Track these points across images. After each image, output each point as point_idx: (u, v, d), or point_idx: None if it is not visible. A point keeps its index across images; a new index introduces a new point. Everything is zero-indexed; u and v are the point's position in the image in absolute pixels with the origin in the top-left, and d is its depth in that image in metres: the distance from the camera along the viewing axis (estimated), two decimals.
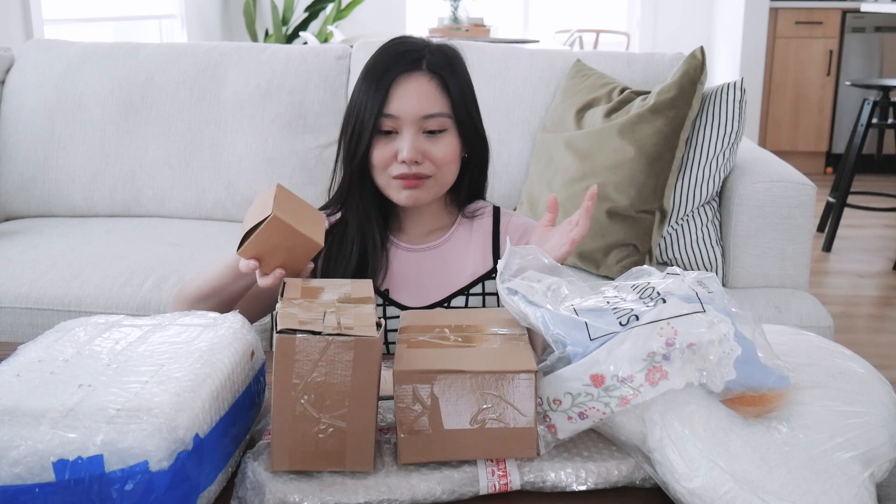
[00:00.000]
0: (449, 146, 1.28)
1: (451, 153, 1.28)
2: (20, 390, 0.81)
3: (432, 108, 1.26)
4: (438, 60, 1.28)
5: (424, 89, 1.26)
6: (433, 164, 1.27)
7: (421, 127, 1.26)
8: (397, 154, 1.25)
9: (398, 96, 1.25)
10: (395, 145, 1.26)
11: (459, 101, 1.28)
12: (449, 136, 1.28)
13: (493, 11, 6.55)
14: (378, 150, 1.26)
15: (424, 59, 1.27)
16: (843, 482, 0.79)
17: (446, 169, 1.29)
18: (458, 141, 1.29)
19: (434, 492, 0.85)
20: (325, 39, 5.57)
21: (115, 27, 4.77)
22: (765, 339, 0.88)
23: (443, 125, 1.27)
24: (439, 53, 1.29)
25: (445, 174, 1.29)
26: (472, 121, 1.31)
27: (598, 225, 1.89)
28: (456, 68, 1.30)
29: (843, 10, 5.38)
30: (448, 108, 1.27)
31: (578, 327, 0.87)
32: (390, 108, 1.25)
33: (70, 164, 2.32)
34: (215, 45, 2.41)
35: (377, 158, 1.27)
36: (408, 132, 1.25)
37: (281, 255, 1.06)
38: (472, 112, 1.31)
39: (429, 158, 1.26)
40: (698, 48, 1.96)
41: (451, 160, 1.29)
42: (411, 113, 1.25)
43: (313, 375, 0.83)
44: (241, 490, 0.85)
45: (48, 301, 1.85)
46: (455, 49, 1.32)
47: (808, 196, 1.89)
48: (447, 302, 1.31)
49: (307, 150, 2.27)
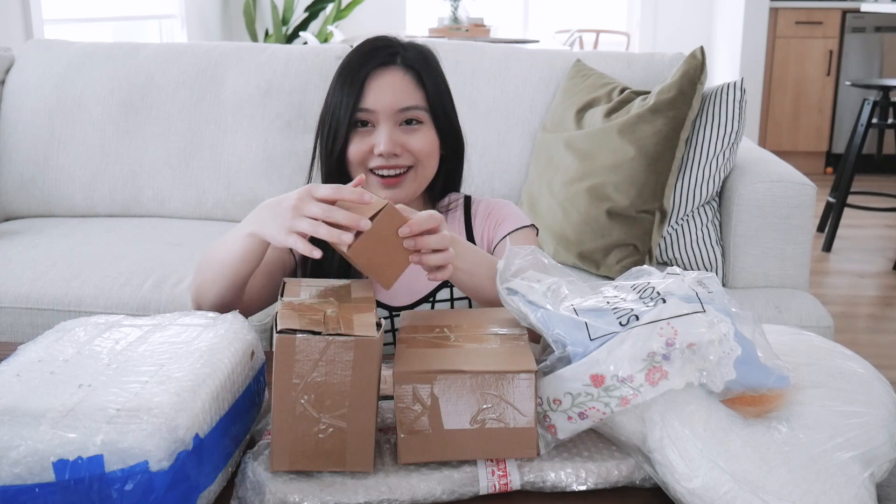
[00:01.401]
0: (426, 138, 1.28)
1: (428, 146, 1.28)
2: (20, 390, 0.81)
3: (408, 101, 1.26)
4: (413, 56, 1.29)
5: (400, 83, 1.27)
6: (412, 155, 1.27)
7: (397, 120, 1.26)
8: (374, 148, 1.25)
9: (373, 90, 1.26)
10: (372, 139, 1.26)
11: (435, 95, 1.29)
12: (426, 129, 1.28)
13: (493, 11, 6.55)
14: (354, 144, 1.26)
15: (399, 55, 1.29)
16: (843, 482, 0.79)
17: (426, 162, 1.29)
18: (434, 134, 1.30)
19: (434, 492, 0.85)
20: (325, 39, 5.57)
21: (115, 27, 4.77)
22: (765, 339, 0.88)
23: (419, 117, 1.28)
24: (413, 50, 1.30)
25: (425, 167, 1.30)
26: (447, 116, 1.32)
27: (598, 225, 1.89)
28: (430, 64, 1.31)
29: (843, 10, 5.38)
30: (424, 102, 1.28)
31: (578, 327, 0.87)
32: (366, 103, 1.25)
33: (70, 164, 2.32)
34: (215, 45, 2.41)
35: (354, 153, 1.26)
36: (384, 125, 1.25)
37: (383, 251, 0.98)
38: (447, 107, 1.32)
39: (407, 150, 1.26)
40: (698, 48, 1.96)
41: (430, 153, 1.29)
42: (387, 106, 1.25)
43: (313, 375, 0.83)
44: (241, 490, 0.85)
45: (48, 301, 1.85)
46: (429, 47, 1.34)
47: (808, 196, 1.89)
48: (432, 296, 1.31)
49: (307, 150, 2.27)
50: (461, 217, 1.38)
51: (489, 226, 1.36)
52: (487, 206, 1.39)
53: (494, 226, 1.36)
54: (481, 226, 1.37)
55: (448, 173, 1.37)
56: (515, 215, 1.37)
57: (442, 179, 1.36)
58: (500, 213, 1.37)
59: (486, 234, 1.36)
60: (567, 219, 1.94)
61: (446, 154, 1.34)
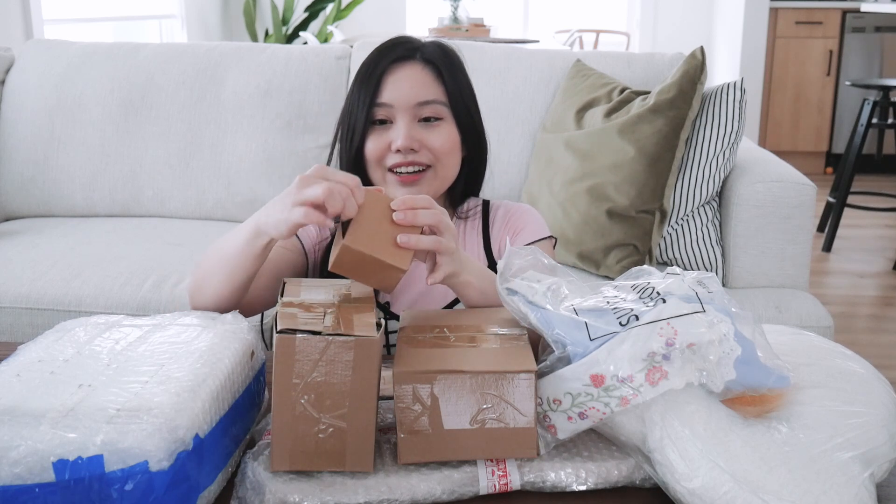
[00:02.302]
0: (446, 135, 1.23)
1: (448, 143, 1.23)
2: (20, 390, 0.80)
3: (427, 95, 1.21)
4: (433, 52, 1.25)
5: (418, 76, 1.22)
6: (430, 153, 1.21)
7: (416, 115, 1.21)
8: (391, 145, 1.20)
9: (391, 84, 1.21)
10: (389, 136, 1.21)
11: (455, 92, 1.24)
12: (446, 125, 1.23)
13: (493, 11, 6.55)
14: (372, 141, 1.21)
15: (419, 51, 1.24)
16: (843, 482, 0.79)
17: (445, 161, 1.23)
18: (456, 132, 1.24)
19: (434, 492, 0.85)
20: (325, 39, 5.57)
21: (115, 27, 4.77)
22: (765, 339, 0.88)
23: (438, 113, 1.22)
24: (434, 46, 1.26)
25: (445, 166, 1.24)
26: (470, 115, 1.26)
27: (598, 225, 1.89)
28: (452, 61, 1.26)
29: (843, 10, 5.38)
30: (444, 97, 1.23)
31: (578, 327, 0.87)
32: (383, 97, 1.20)
33: (70, 164, 2.32)
34: (215, 45, 2.41)
35: (371, 151, 1.21)
36: (402, 120, 1.20)
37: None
38: (470, 106, 1.27)
39: (426, 147, 1.21)
40: (698, 48, 1.96)
41: (450, 151, 1.23)
42: (405, 100, 1.20)
43: (313, 375, 0.83)
44: (241, 490, 0.85)
45: (48, 301, 1.85)
46: (452, 47, 1.29)
47: (808, 196, 1.89)
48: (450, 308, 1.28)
49: (307, 150, 2.27)
50: (479, 224, 1.32)
51: (507, 233, 1.30)
52: (506, 212, 1.33)
53: (513, 234, 1.29)
54: (499, 233, 1.31)
55: (469, 176, 1.31)
56: (534, 224, 1.31)
57: (462, 183, 1.31)
58: (519, 222, 1.31)
59: (503, 242, 1.30)
60: (567, 219, 1.94)
61: (468, 156, 1.29)
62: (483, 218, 1.33)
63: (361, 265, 0.93)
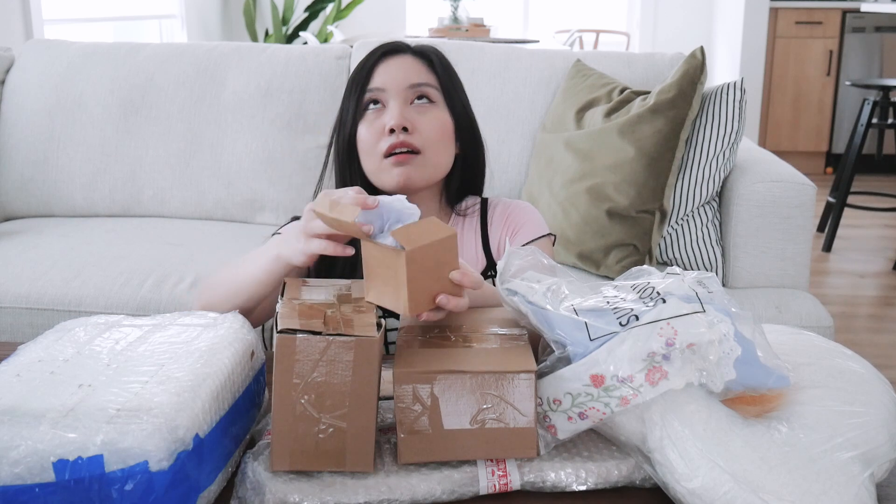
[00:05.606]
0: (438, 119, 1.24)
1: (440, 126, 1.24)
2: (20, 390, 0.80)
3: (419, 79, 1.24)
4: (424, 48, 1.29)
5: (410, 64, 1.26)
6: (422, 136, 1.22)
7: (408, 97, 1.24)
8: (384, 127, 1.21)
9: (382, 71, 1.24)
10: (382, 120, 1.22)
11: (447, 81, 1.27)
12: (439, 110, 1.25)
13: (493, 11, 6.55)
14: (364, 127, 1.23)
15: (409, 48, 1.29)
16: (843, 482, 0.79)
17: (438, 146, 1.24)
18: (448, 118, 1.26)
19: (434, 492, 0.85)
20: (325, 39, 5.57)
21: (115, 27, 4.77)
22: (765, 339, 0.88)
23: (431, 95, 1.25)
24: (425, 45, 1.30)
25: (437, 153, 1.24)
26: (463, 106, 1.29)
27: (598, 225, 1.89)
28: (443, 59, 1.30)
29: (843, 10, 5.38)
30: (435, 82, 1.26)
31: (578, 327, 0.87)
32: (374, 82, 1.24)
33: (70, 164, 2.32)
34: (215, 45, 2.41)
35: (364, 136, 1.23)
36: (394, 101, 1.22)
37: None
38: (461, 94, 1.30)
39: (418, 130, 1.22)
40: (698, 48, 1.96)
41: (442, 135, 1.25)
42: (397, 82, 1.23)
43: (313, 375, 0.83)
44: (241, 490, 0.85)
45: (48, 301, 1.85)
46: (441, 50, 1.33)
47: (808, 196, 1.89)
48: None
49: (307, 150, 2.27)
50: (477, 222, 1.33)
51: (506, 231, 1.31)
52: (505, 210, 1.33)
53: (512, 233, 1.30)
54: (498, 231, 1.32)
55: (466, 174, 1.32)
56: (533, 222, 1.31)
57: (459, 180, 1.32)
58: (518, 220, 1.31)
59: (501, 240, 1.31)
60: (567, 219, 1.94)
61: (463, 152, 1.30)
62: (481, 215, 1.34)
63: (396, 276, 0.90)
